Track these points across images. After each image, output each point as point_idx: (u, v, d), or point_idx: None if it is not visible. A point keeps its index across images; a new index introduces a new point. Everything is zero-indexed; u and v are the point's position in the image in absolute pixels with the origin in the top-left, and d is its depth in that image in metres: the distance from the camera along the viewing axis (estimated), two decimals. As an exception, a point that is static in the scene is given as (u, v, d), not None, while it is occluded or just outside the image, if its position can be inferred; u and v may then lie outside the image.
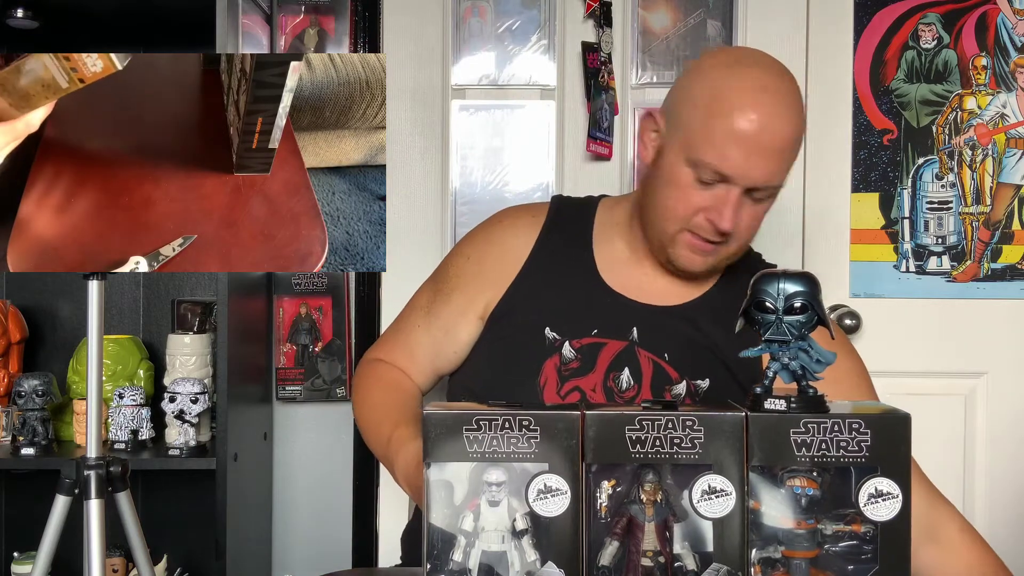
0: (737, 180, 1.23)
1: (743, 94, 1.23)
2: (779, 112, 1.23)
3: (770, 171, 1.24)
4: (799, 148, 1.28)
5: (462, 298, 1.40)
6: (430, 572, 0.85)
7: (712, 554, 0.83)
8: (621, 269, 1.37)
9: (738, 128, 1.21)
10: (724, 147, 1.22)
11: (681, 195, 1.27)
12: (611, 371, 1.31)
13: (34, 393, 1.88)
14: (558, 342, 1.32)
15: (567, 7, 2.08)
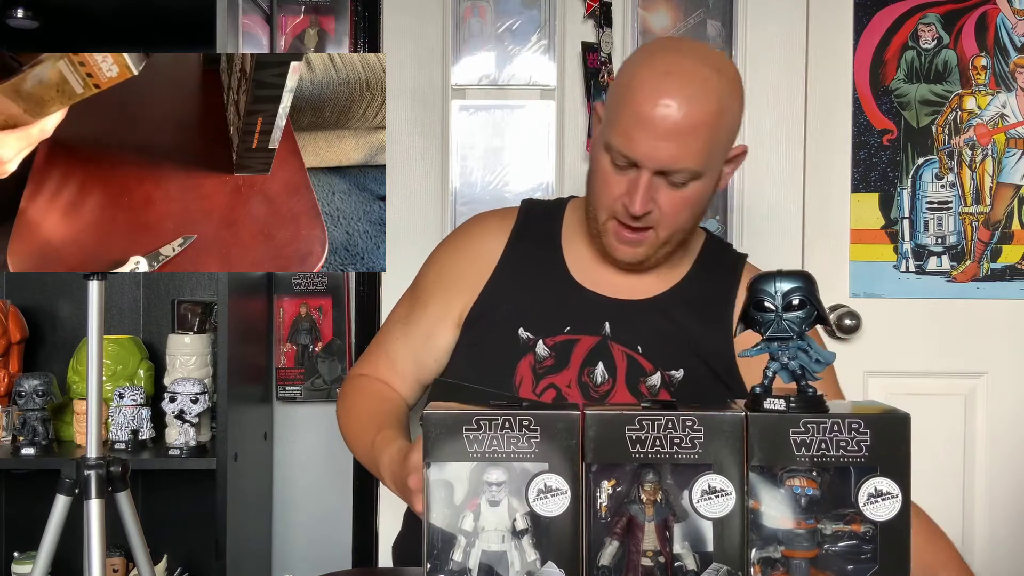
0: (644, 163, 1.24)
1: (649, 78, 1.24)
2: (685, 95, 1.22)
3: (676, 154, 1.23)
4: (720, 133, 1.26)
5: (438, 306, 1.41)
6: (430, 572, 0.85)
7: (712, 554, 0.83)
8: (591, 266, 1.39)
9: (641, 111, 1.23)
10: (629, 130, 1.24)
11: (603, 181, 1.30)
12: (585, 366, 1.32)
13: (34, 393, 1.88)
14: (531, 341, 1.33)
15: (567, 7, 2.08)
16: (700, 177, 1.27)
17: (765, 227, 2.08)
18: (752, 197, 2.09)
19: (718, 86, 1.25)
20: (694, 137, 1.23)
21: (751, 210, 2.08)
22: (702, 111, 1.23)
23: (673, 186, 1.26)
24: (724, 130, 1.27)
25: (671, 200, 1.27)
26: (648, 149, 1.23)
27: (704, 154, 1.25)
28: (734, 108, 1.29)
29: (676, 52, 1.29)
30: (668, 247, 1.33)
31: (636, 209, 1.26)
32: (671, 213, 1.29)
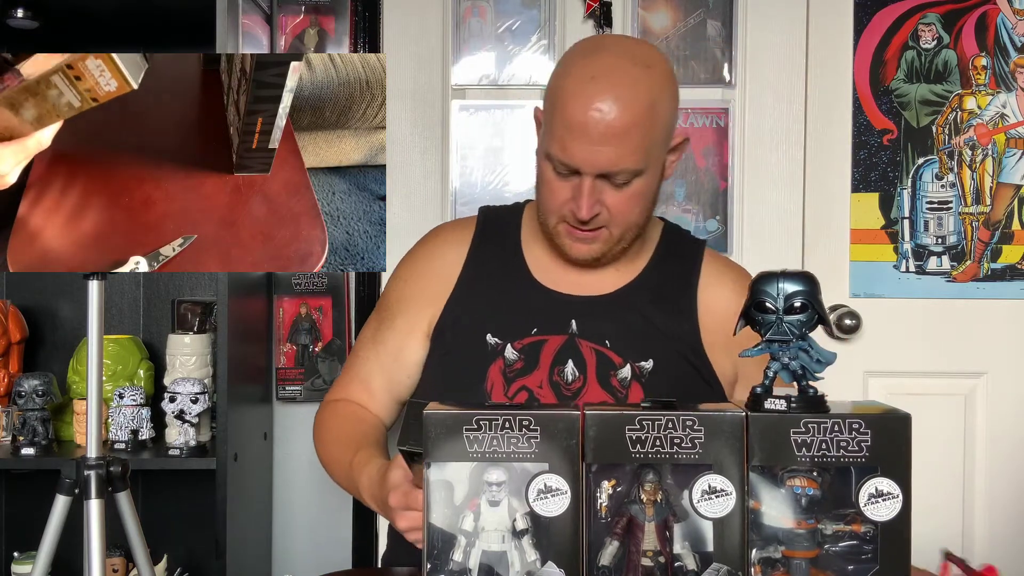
0: (584, 169, 1.25)
1: (577, 85, 1.24)
2: (615, 97, 1.22)
3: (614, 157, 1.24)
4: (656, 128, 1.26)
5: (405, 321, 1.42)
6: (430, 572, 0.85)
7: (712, 554, 0.83)
8: (552, 267, 1.39)
9: (572, 119, 1.23)
10: (564, 139, 1.24)
11: (548, 189, 1.31)
12: (555, 365, 1.32)
13: (34, 393, 1.88)
14: (500, 346, 1.33)
15: (567, 7, 2.08)
16: (643, 173, 1.27)
17: (765, 227, 2.08)
18: (752, 197, 2.09)
19: (648, 82, 1.25)
20: (629, 138, 1.23)
21: (751, 210, 2.08)
22: (634, 111, 1.23)
23: (617, 186, 1.27)
24: (659, 124, 1.27)
25: (617, 200, 1.28)
26: (586, 156, 1.24)
27: (642, 152, 1.25)
28: (667, 100, 1.28)
29: (602, 53, 1.28)
30: (623, 243, 1.34)
31: (583, 215, 1.27)
32: (619, 212, 1.29)
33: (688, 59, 2.08)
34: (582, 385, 1.31)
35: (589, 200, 1.26)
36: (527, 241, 1.43)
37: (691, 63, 2.08)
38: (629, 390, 1.30)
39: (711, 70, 2.08)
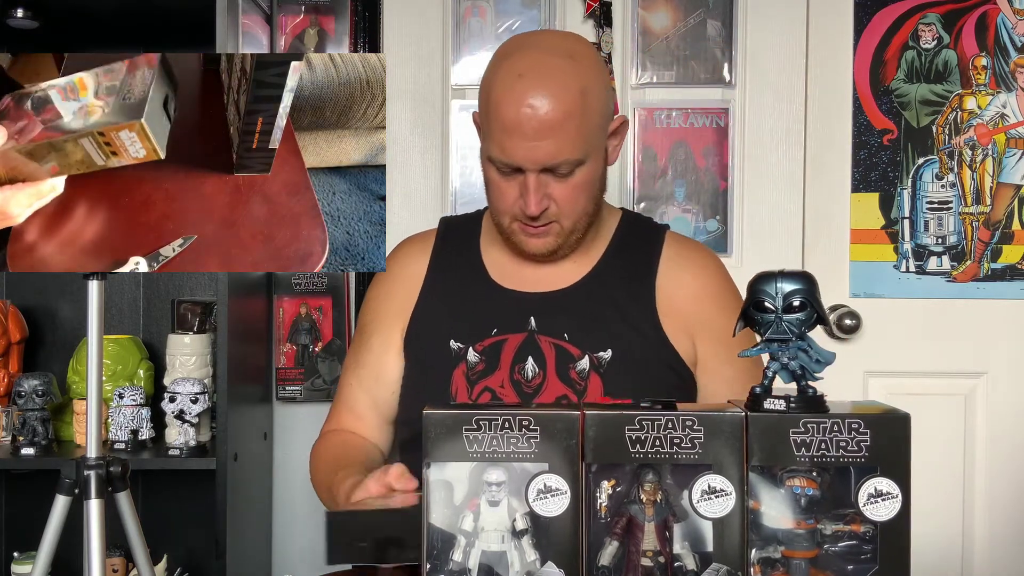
0: (525, 166, 1.26)
1: (505, 84, 1.26)
2: (544, 92, 1.23)
3: (553, 150, 1.25)
4: (590, 116, 1.27)
5: (379, 340, 1.44)
6: (430, 572, 0.85)
7: (712, 554, 0.83)
8: (510, 267, 1.41)
9: (506, 119, 1.25)
10: (501, 140, 1.26)
11: (496, 191, 1.33)
12: (515, 364, 1.33)
13: (34, 393, 1.88)
14: (462, 350, 1.35)
15: (567, 7, 2.08)
16: (584, 162, 1.29)
17: (765, 227, 2.08)
18: (752, 197, 2.09)
19: (575, 72, 1.26)
20: (565, 129, 1.24)
21: (751, 210, 2.08)
22: (565, 102, 1.24)
23: (561, 178, 1.28)
24: (593, 112, 1.28)
25: (564, 192, 1.29)
26: (525, 153, 1.25)
27: (580, 141, 1.26)
28: (598, 87, 1.29)
29: (526, 51, 1.29)
30: (576, 233, 1.35)
31: (532, 211, 1.28)
32: (567, 203, 1.31)
33: (688, 59, 2.08)
34: (542, 381, 1.32)
35: (536, 196, 1.27)
36: (486, 246, 1.45)
37: (691, 63, 2.08)
38: (588, 381, 1.31)
39: (711, 70, 2.08)
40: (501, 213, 1.34)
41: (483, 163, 1.34)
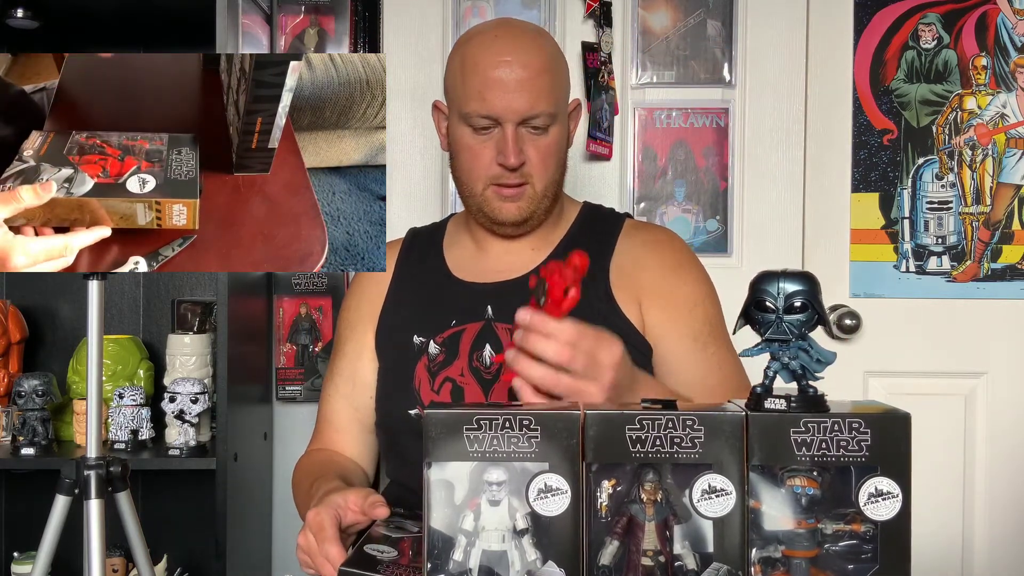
0: (505, 116, 1.32)
1: (480, 47, 1.35)
2: (520, 49, 1.33)
3: (531, 99, 1.32)
4: (559, 78, 1.37)
5: (352, 346, 1.46)
6: (430, 572, 0.85)
7: (712, 554, 0.83)
8: (470, 262, 1.45)
9: (487, 74, 1.32)
10: (481, 93, 1.32)
11: (470, 153, 1.36)
12: (474, 351, 1.35)
13: (34, 393, 1.88)
14: (424, 344, 1.37)
15: (567, 7, 2.08)
16: (555, 121, 1.35)
17: (765, 227, 2.08)
18: (752, 197, 2.09)
19: (544, 42, 1.38)
20: (540, 81, 1.32)
21: (751, 210, 2.08)
22: (539, 59, 1.34)
23: (536, 132, 1.34)
24: (561, 76, 1.38)
25: (538, 149, 1.35)
26: (505, 102, 1.31)
27: (553, 96, 1.34)
28: (563, 62, 1.40)
29: (495, 26, 1.40)
30: (546, 201, 1.39)
31: (512, 160, 1.32)
32: (540, 162, 1.35)
33: (688, 59, 2.08)
34: (500, 365, 1.33)
35: (515, 146, 1.32)
36: (449, 246, 1.49)
37: (691, 63, 2.08)
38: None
39: (711, 70, 2.08)
40: (475, 178, 1.37)
41: (455, 133, 1.38)
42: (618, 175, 2.10)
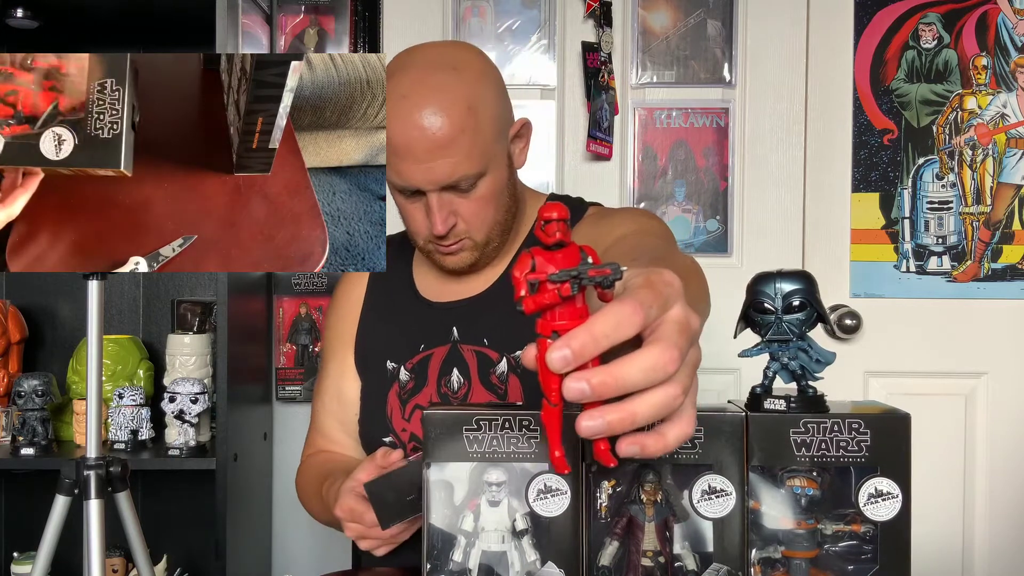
0: (423, 187, 1.24)
1: (395, 106, 1.22)
2: (429, 112, 1.20)
3: (448, 168, 1.21)
4: (483, 127, 1.23)
5: (335, 364, 1.45)
6: (430, 572, 0.85)
7: (712, 554, 0.83)
8: (436, 282, 1.41)
9: (396, 143, 1.22)
10: (395, 163, 1.24)
11: (405, 215, 1.31)
12: (442, 377, 1.32)
13: (34, 393, 1.88)
14: (395, 370, 1.36)
15: (567, 7, 2.08)
16: (485, 174, 1.25)
17: (765, 227, 2.08)
18: (752, 197, 2.09)
19: (460, 85, 1.22)
20: (457, 145, 1.21)
21: (751, 210, 2.08)
22: (451, 120, 1.20)
23: (464, 193, 1.25)
24: (486, 122, 1.24)
25: (469, 207, 1.27)
26: (420, 175, 1.22)
27: (476, 154, 1.23)
28: (488, 96, 1.25)
29: (407, 70, 1.24)
30: (492, 243, 1.32)
31: (438, 230, 1.25)
32: (475, 217, 1.28)
33: (688, 59, 2.08)
34: (467, 391, 1.31)
35: (441, 215, 1.24)
36: (418, 262, 1.45)
37: (691, 63, 2.08)
38: (507, 384, 1.30)
39: (711, 70, 2.08)
40: (414, 235, 1.33)
41: (389, 187, 1.32)
42: (618, 175, 2.10)
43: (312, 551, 2.19)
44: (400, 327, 1.39)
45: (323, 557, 2.16)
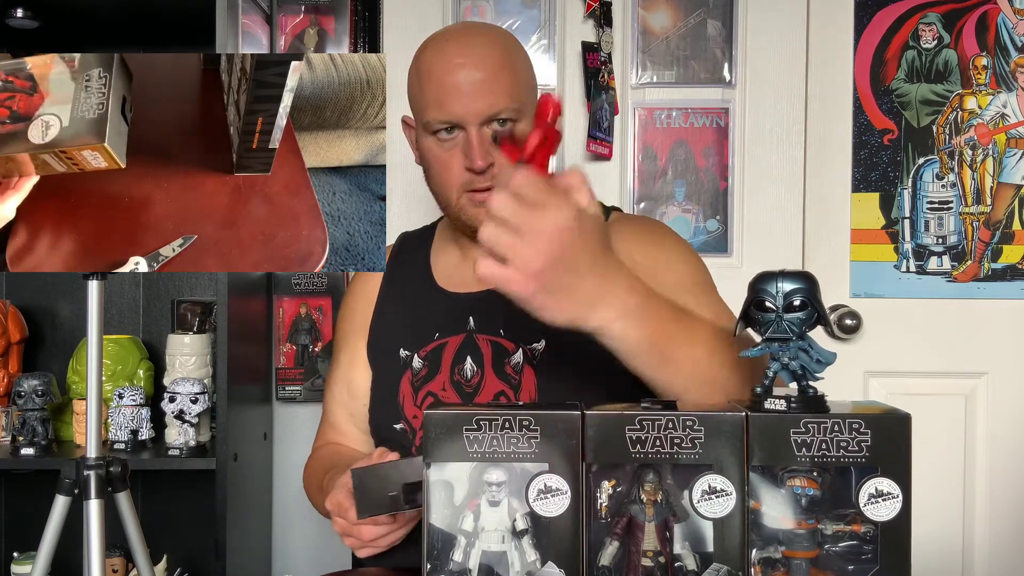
0: (466, 120, 1.28)
1: (434, 53, 1.31)
2: (472, 50, 1.29)
3: (488, 99, 1.27)
4: (519, 71, 1.32)
5: (347, 355, 1.46)
6: (430, 572, 0.84)
7: (712, 554, 0.83)
8: (455, 271, 1.42)
9: (442, 80, 1.28)
10: (439, 98, 1.28)
11: (440, 163, 1.33)
12: (455, 365, 1.34)
13: (34, 393, 1.88)
14: (409, 357, 1.36)
15: (567, 7, 2.08)
16: (522, 117, 1.30)
17: (765, 227, 2.08)
18: (752, 197, 2.08)
19: (498, 36, 1.34)
20: (498, 80, 1.28)
21: (751, 210, 2.08)
22: (493, 55, 1.29)
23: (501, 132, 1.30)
24: (522, 69, 1.33)
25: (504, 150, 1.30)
26: (464, 106, 1.27)
27: (514, 91, 1.29)
28: (521, 52, 1.35)
29: (447, 31, 1.36)
30: None
31: (478, 163, 1.27)
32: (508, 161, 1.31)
33: (688, 59, 2.08)
34: (480, 379, 1.32)
35: (480, 149, 1.28)
36: (436, 253, 1.47)
37: (691, 63, 2.08)
38: (522, 375, 1.31)
39: (711, 70, 2.08)
40: (448, 187, 1.34)
41: (422, 144, 1.35)
42: (618, 175, 2.10)
43: (312, 551, 2.19)
44: (415, 315, 1.40)
45: (323, 557, 2.16)
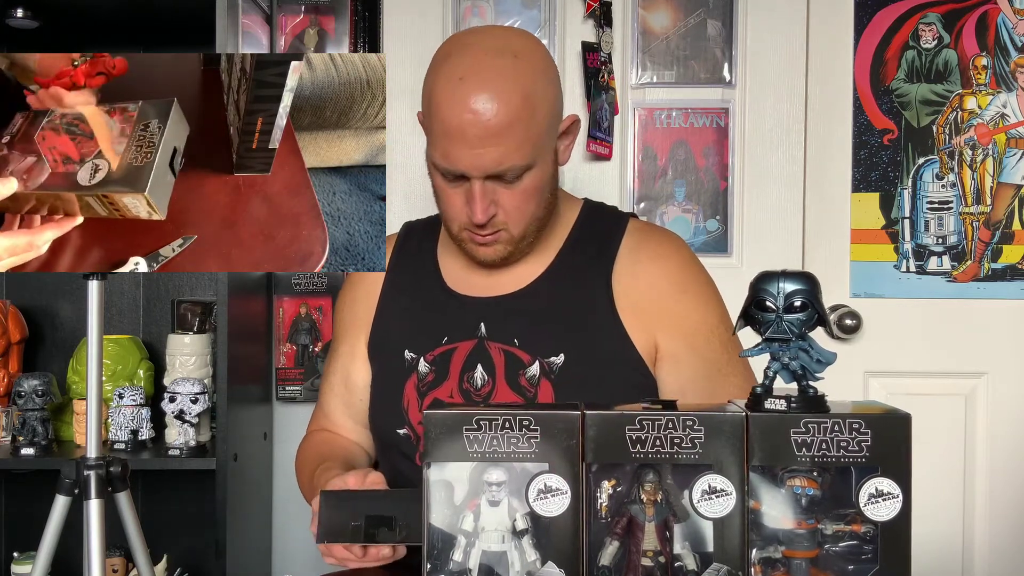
0: (469, 173, 1.21)
1: (444, 88, 1.20)
2: (487, 96, 1.18)
3: (498, 156, 1.19)
4: (537, 119, 1.22)
5: (347, 347, 1.43)
6: (430, 572, 0.85)
7: (712, 554, 0.83)
8: (464, 273, 1.37)
9: (448, 125, 1.20)
10: (443, 145, 1.22)
11: (444, 199, 1.28)
12: (465, 372, 1.29)
13: (34, 393, 1.88)
14: (414, 360, 1.33)
15: (567, 7, 2.08)
16: (532, 167, 1.23)
17: (765, 227, 2.08)
18: (752, 197, 2.08)
19: (519, 73, 1.20)
20: (510, 135, 1.19)
21: (751, 210, 2.08)
22: (509, 107, 1.18)
23: (508, 184, 1.23)
24: (540, 114, 1.22)
25: (511, 198, 1.24)
26: (469, 160, 1.20)
27: (527, 146, 1.21)
28: (545, 87, 1.24)
29: (467, 51, 1.23)
30: (527, 239, 1.30)
31: (478, 219, 1.23)
32: (516, 210, 1.25)
33: (688, 59, 2.08)
34: (491, 389, 1.28)
35: (482, 203, 1.22)
36: (443, 249, 1.42)
37: (691, 63, 2.08)
38: (538, 388, 1.27)
39: (711, 70, 2.08)
40: (450, 220, 1.30)
41: (429, 168, 1.29)
42: (618, 175, 2.10)
43: (312, 551, 2.18)
44: (422, 317, 1.36)
45: (323, 557, 2.15)
